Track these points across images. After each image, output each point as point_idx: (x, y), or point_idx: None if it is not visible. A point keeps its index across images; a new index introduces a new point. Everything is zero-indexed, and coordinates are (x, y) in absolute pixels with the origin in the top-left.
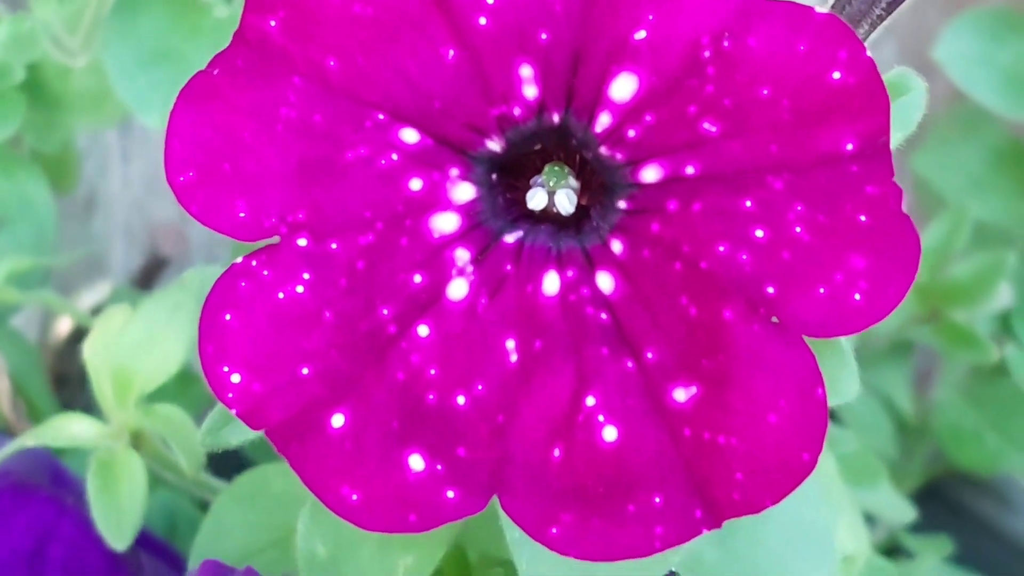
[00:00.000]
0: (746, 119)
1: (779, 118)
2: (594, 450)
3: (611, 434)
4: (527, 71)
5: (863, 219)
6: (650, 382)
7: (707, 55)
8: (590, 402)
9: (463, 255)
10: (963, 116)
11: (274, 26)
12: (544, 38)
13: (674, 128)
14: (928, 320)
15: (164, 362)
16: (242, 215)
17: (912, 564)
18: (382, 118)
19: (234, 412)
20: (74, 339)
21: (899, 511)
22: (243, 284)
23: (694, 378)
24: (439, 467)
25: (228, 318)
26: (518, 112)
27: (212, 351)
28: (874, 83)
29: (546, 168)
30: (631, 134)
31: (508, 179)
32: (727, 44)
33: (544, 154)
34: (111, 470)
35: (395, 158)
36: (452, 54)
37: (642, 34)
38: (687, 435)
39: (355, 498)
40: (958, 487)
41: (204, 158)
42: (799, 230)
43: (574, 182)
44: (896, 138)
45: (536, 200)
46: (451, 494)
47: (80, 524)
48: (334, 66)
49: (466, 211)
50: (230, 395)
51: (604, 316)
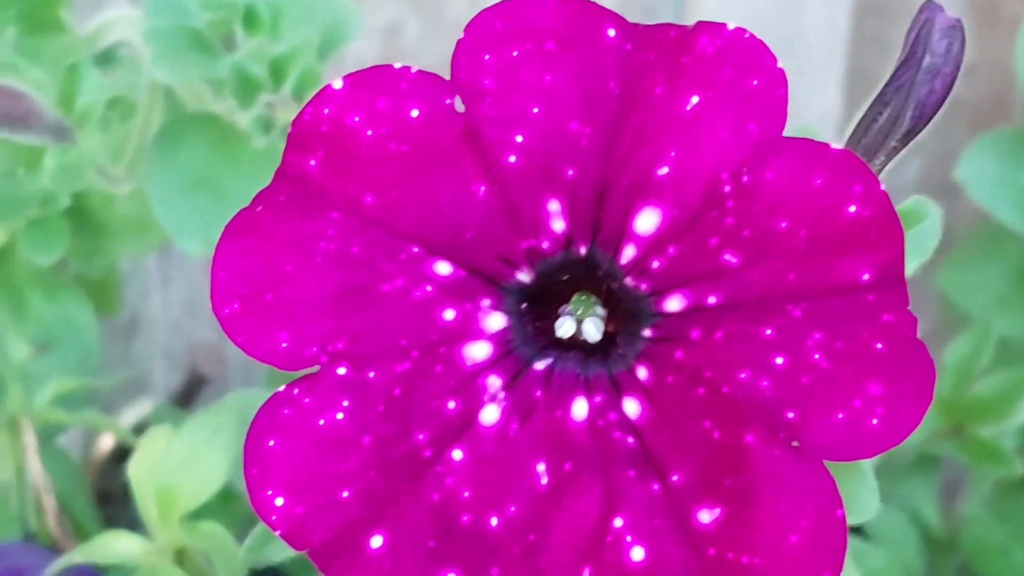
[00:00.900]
0: (765, 250)
1: (797, 248)
2: (622, 569)
3: (639, 554)
4: (555, 206)
5: (880, 347)
6: (676, 503)
7: (727, 189)
8: (618, 523)
9: (495, 382)
10: (987, 234)
11: (313, 165)
12: (571, 174)
13: (696, 259)
14: (953, 435)
15: (206, 481)
16: (284, 345)
17: None
18: (416, 251)
19: (278, 533)
20: (116, 457)
21: None
22: (286, 411)
23: (718, 500)
24: None
25: (271, 444)
26: (546, 245)
27: (257, 475)
28: (888, 216)
29: (574, 298)
30: (655, 265)
31: (537, 308)
32: (746, 178)
33: (572, 284)
34: None
35: (429, 289)
36: (483, 190)
37: (665, 170)
38: (712, 555)
39: None
40: None
41: (248, 290)
42: (818, 357)
43: (601, 311)
44: (912, 264)
45: (564, 328)
46: None
47: None
48: (370, 201)
49: (497, 339)
50: (274, 517)
51: (631, 440)
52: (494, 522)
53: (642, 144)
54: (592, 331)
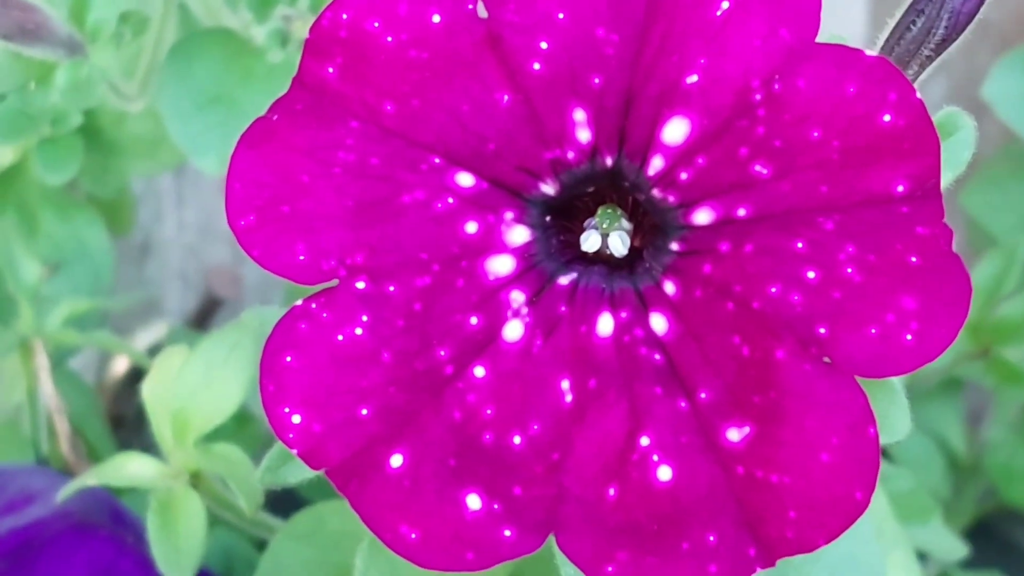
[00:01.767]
0: (796, 160)
1: (829, 159)
2: (648, 488)
3: (665, 473)
4: (580, 115)
5: (914, 260)
6: (703, 421)
7: (758, 98)
8: (644, 441)
9: (518, 297)
10: (1013, 154)
11: (332, 72)
12: (597, 82)
13: (725, 170)
14: (979, 357)
15: (222, 402)
16: (302, 258)
17: None
18: (438, 162)
19: (295, 452)
20: (130, 380)
21: (951, 549)
22: (303, 326)
23: (747, 417)
24: (496, 506)
25: (288, 360)
26: (571, 156)
27: (273, 391)
28: (924, 125)
29: (599, 210)
30: (683, 177)
31: (562, 221)
32: (777, 86)
33: (597, 196)
34: (170, 509)
35: (451, 201)
36: (506, 98)
37: (694, 78)
38: (740, 473)
39: (414, 536)
40: (1009, 525)
41: (264, 201)
42: (850, 271)
43: (627, 224)
44: (946, 178)
45: (590, 242)
46: (508, 533)
47: (140, 563)
48: (390, 110)
49: (521, 253)
50: (291, 435)
51: (658, 356)
52: (517, 440)
53: (670, 51)
54: (618, 245)
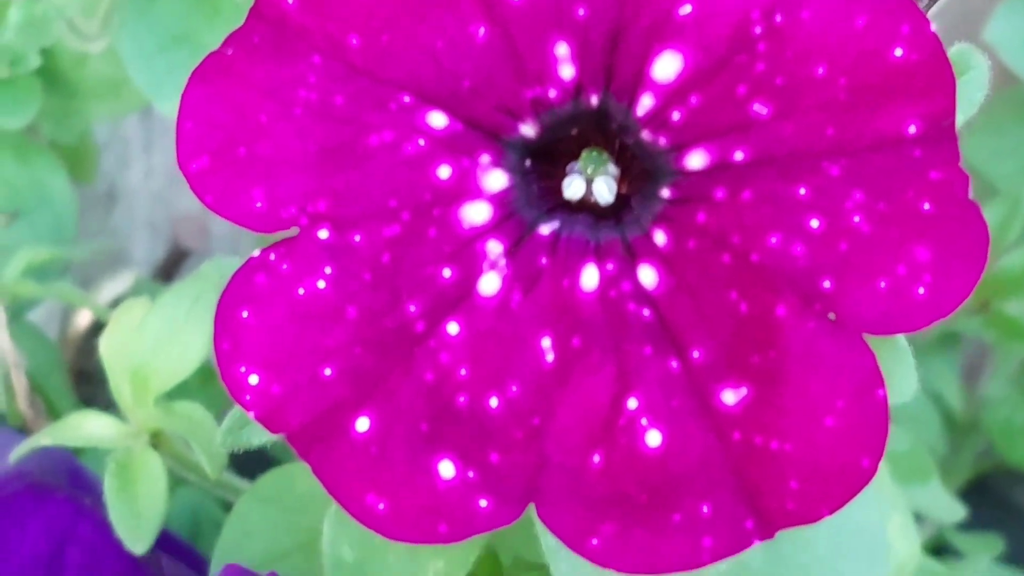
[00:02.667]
0: (800, 99)
1: (835, 98)
2: (636, 456)
3: (655, 439)
4: (563, 50)
5: (927, 207)
6: (696, 383)
7: (757, 31)
8: (632, 404)
9: (495, 247)
10: (1014, 99)
11: (292, 2)
12: (581, 14)
13: (722, 110)
14: (978, 312)
15: (184, 358)
16: (259, 204)
17: (961, 564)
18: (408, 100)
19: (252, 415)
20: (95, 333)
21: (949, 510)
22: (260, 279)
23: (744, 379)
24: (471, 474)
25: (245, 315)
26: (553, 94)
27: (228, 350)
28: (939, 60)
29: (583, 154)
30: (675, 117)
31: (543, 166)
32: (779, 18)
33: (581, 139)
34: (129, 471)
35: (422, 144)
36: (483, 31)
37: (687, 8)
38: (737, 439)
39: (381, 507)
40: (1007, 484)
41: (219, 142)
42: (857, 219)
43: (613, 169)
44: (956, 121)
45: (573, 189)
46: (484, 503)
47: (99, 527)
48: (356, 44)
49: (498, 200)
50: (247, 397)
51: (647, 312)
52: (494, 403)
53: None
54: (604, 191)
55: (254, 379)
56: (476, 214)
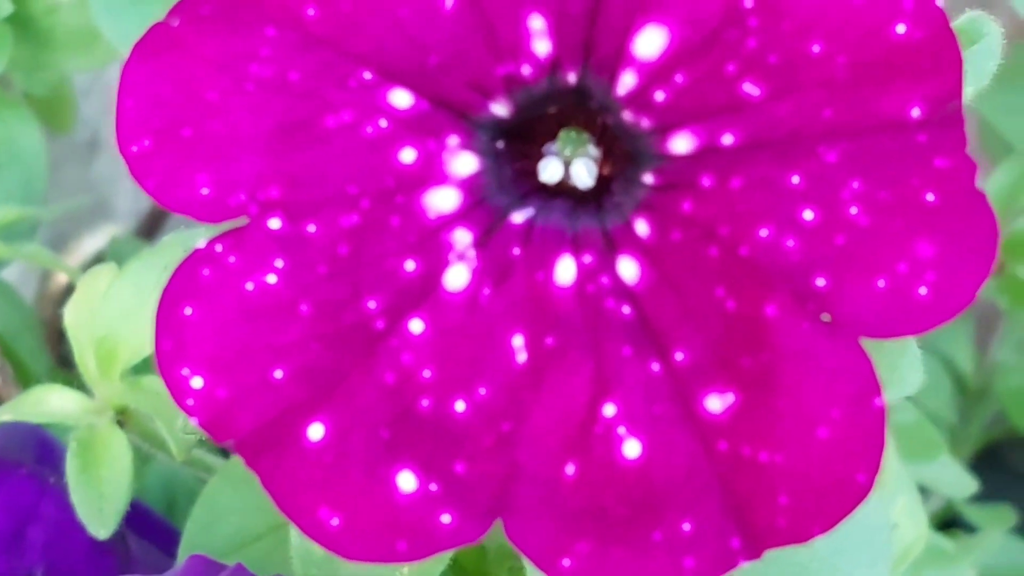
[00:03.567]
0: (794, 79)
1: (833, 78)
2: (614, 467)
3: (634, 449)
4: (538, 23)
5: (931, 198)
6: (680, 387)
7: (748, 4)
8: (609, 411)
9: (464, 237)
10: None
11: None
12: None
13: (710, 90)
14: (991, 276)
15: (152, 330)
16: (205, 191)
17: (973, 539)
18: (369, 77)
19: (195, 421)
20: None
21: (959, 484)
22: (206, 272)
23: (731, 384)
24: (433, 486)
25: (188, 312)
26: (528, 71)
27: (169, 349)
28: (945, 37)
29: (561, 134)
30: (659, 97)
31: (517, 146)
32: None
33: (560, 117)
34: (92, 450)
35: (384, 125)
36: (451, 3)
37: None
38: (723, 450)
39: (335, 522)
40: (1019, 452)
41: (162, 122)
42: (855, 211)
43: (594, 150)
44: (967, 93)
45: (550, 172)
46: (447, 518)
47: (63, 505)
48: (313, 15)
49: (467, 186)
50: (190, 401)
51: (627, 309)
52: (460, 407)
53: None
54: (583, 175)
55: (198, 382)
56: (443, 201)
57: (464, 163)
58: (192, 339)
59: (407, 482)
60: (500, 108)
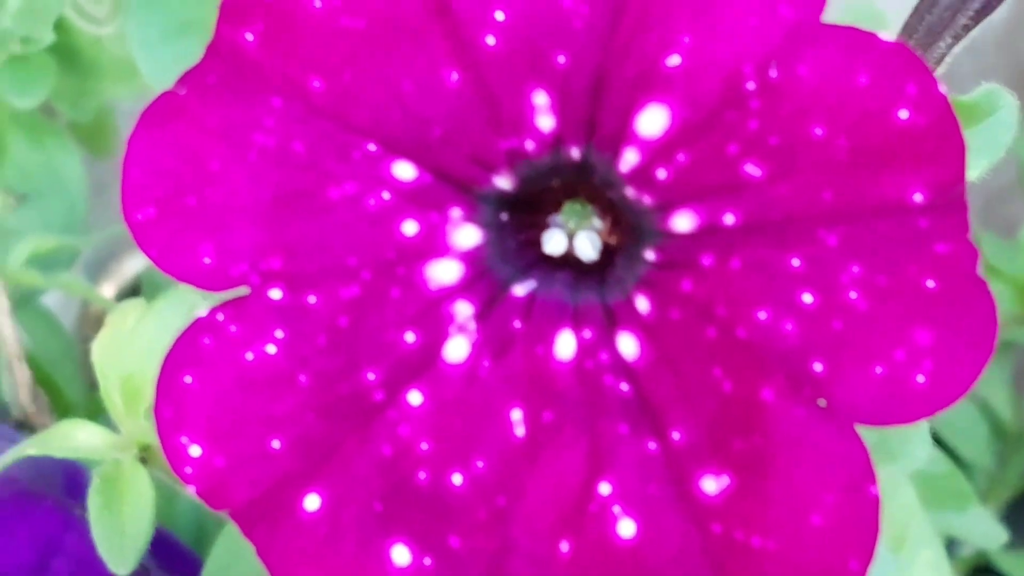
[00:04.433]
0: (796, 161)
1: (834, 161)
2: (608, 546)
3: (628, 529)
4: (542, 99)
5: (931, 284)
6: (676, 468)
7: (751, 86)
8: (605, 490)
9: (464, 309)
10: None
11: (251, 40)
12: (561, 61)
13: (711, 170)
14: None
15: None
16: (207, 260)
17: None
18: (373, 149)
19: (193, 490)
20: None
21: (989, 534)
22: (207, 341)
23: (726, 466)
24: (427, 560)
25: (188, 380)
26: (531, 146)
27: (170, 417)
28: (948, 124)
29: (566, 206)
30: (661, 175)
31: (521, 216)
32: (774, 74)
33: (565, 189)
34: (115, 486)
35: (387, 197)
36: (455, 76)
37: (676, 60)
38: (717, 533)
39: None
40: None
41: (166, 191)
42: (854, 296)
43: (598, 223)
44: (981, 166)
45: (554, 243)
46: None
47: (86, 539)
48: (318, 87)
49: (469, 258)
50: (188, 469)
51: (625, 387)
52: (457, 481)
53: (649, 27)
54: (587, 248)
55: (196, 450)
56: (444, 273)
57: (466, 235)
58: (192, 407)
59: (401, 556)
60: (503, 181)
